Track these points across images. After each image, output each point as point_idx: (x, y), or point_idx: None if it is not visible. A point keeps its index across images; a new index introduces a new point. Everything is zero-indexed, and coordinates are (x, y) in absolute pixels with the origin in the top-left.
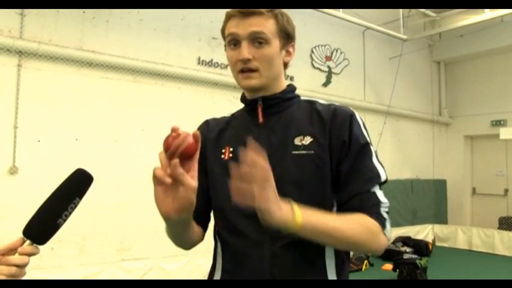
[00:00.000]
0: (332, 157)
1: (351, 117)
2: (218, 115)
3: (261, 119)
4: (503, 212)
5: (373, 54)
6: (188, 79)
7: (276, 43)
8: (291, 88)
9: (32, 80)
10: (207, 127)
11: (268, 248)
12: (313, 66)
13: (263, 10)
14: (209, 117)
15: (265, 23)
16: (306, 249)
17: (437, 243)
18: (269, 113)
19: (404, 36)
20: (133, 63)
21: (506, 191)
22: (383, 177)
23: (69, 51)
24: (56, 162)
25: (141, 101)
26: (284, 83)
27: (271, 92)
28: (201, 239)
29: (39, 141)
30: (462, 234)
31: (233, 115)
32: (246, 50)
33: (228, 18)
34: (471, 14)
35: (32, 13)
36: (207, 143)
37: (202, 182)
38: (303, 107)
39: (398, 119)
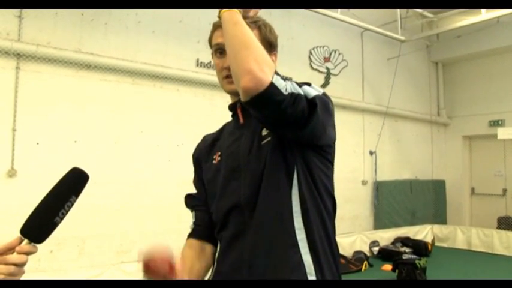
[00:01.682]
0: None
1: None
2: (217, 117)
3: (241, 120)
4: (502, 211)
5: (372, 55)
6: (187, 81)
7: None
8: None
9: (31, 82)
10: (203, 141)
11: (249, 235)
12: (312, 68)
13: (247, 21)
14: (208, 118)
15: None
16: (279, 229)
17: (437, 244)
18: (249, 114)
19: (402, 37)
20: (132, 65)
21: (505, 190)
22: (312, 92)
23: (68, 53)
24: (54, 165)
25: (140, 103)
26: None
27: None
28: (214, 260)
29: (37, 143)
30: (461, 234)
31: (225, 125)
32: None
33: (215, 28)
34: (468, 15)
35: (30, 15)
36: (202, 158)
37: (205, 195)
38: None
39: (397, 119)
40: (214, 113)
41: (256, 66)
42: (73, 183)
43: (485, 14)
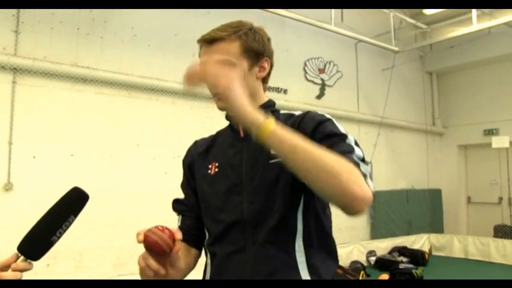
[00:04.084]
0: None
1: (316, 116)
2: (213, 129)
3: (242, 133)
4: (498, 220)
5: (366, 66)
6: (183, 94)
7: (242, 64)
8: (270, 103)
9: (27, 96)
10: (195, 147)
11: (250, 253)
12: (307, 79)
13: (224, 35)
14: (204, 131)
15: (227, 48)
16: (280, 250)
17: (434, 253)
18: None
19: (396, 48)
20: (128, 79)
21: (501, 199)
22: (360, 155)
23: (64, 67)
24: (51, 178)
25: (136, 116)
26: (263, 98)
27: None
28: (195, 263)
29: (34, 157)
30: (458, 243)
31: (218, 132)
32: None
33: (200, 45)
34: (460, 26)
35: (26, 30)
36: (196, 162)
37: (192, 202)
38: (281, 119)
39: (392, 129)
40: (211, 125)
41: (357, 188)
42: (73, 203)
43: (477, 25)
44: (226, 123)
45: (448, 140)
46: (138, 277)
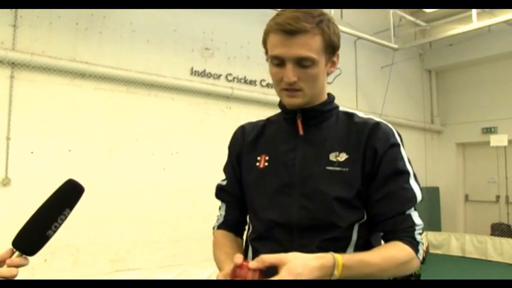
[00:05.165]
0: (365, 174)
1: (389, 136)
2: (211, 125)
3: (301, 131)
4: (495, 218)
5: (365, 63)
6: (181, 90)
7: (322, 61)
8: (331, 99)
9: (25, 91)
10: (242, 133)
11: None
12: None
13: (308, 27)
14: (202, 127)
15: (311, 43)
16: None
17: (431, 251)
18: (308, 125)
19: (396, 46)
20: (126, 74)
21: (498, 197)
22: (419, 198)
23: (62, 62)
24: (49, 174)
25: (135, 112)
26: (325, 94)
27: (312, 103)
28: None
29: (32, 152)
30: (455, 241)
31: (269, 119)
32: (291, 73)
33: (270, 32)
34: (460, 24)
35: (24, 25)
36: (243, 149)
37: (237, 191)
38: (341, 120)
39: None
40: (209, 121)
41: (409, 272)
42: (68, 196)
43: (477, 23)
44: (225, 121)
45: (447, 138)
46: (135, 273)
